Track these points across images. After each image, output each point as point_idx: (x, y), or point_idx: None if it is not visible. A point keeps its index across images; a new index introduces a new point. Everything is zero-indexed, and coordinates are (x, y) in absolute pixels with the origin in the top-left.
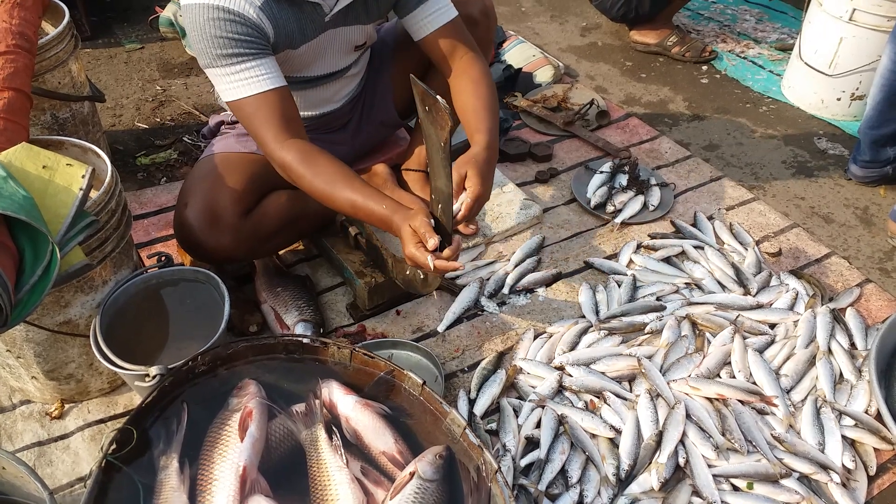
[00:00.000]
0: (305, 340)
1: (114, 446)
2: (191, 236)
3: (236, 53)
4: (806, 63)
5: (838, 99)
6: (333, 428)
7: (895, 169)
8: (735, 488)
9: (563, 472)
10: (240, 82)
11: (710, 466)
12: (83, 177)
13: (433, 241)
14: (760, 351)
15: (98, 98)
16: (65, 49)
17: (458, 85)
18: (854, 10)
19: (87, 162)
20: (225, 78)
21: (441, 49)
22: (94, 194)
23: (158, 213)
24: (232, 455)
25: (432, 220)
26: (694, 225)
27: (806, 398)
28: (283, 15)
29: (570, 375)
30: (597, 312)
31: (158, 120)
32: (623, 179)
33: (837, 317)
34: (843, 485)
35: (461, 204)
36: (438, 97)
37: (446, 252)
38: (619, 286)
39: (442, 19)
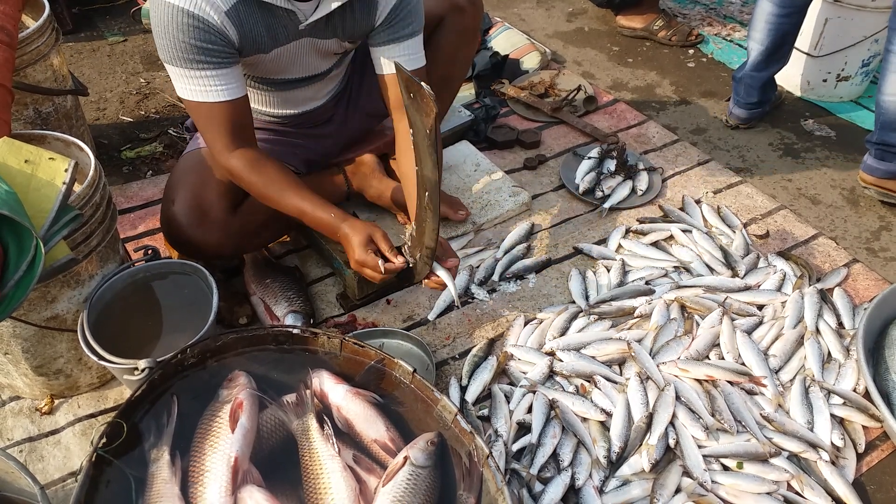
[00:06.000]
0: (295, 331)
1: (104, 440)
2: (179, 233)
3: (197, 60)
4: None
5: (824, 80)
6: (325, 417)
7: (772, 106)
8: (725, 468)
9: (554, 455)
10: (197, 87)
11: (700, 447)
12: (66, 171)
13: (398, 259)
14: (749, 332)
15: (81, 92)
16: (46, 42)
17: (403, 144)
18: None
19: (71, 156)
20: (183, 78)
21: (397, 95)
22: (77, 188)
23: (145, 206)
24: (223, 446)
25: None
26: (682, 209)
27: (794, 378)
28: (251, 19)
29: (561, 360)
30: (586, 297)
31: (143, 113)
32: (611, 165)
33: (825, 297)
34: (833, 462)
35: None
36: (423, 84)
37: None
38: (609, 271)
39: (407, 66)
